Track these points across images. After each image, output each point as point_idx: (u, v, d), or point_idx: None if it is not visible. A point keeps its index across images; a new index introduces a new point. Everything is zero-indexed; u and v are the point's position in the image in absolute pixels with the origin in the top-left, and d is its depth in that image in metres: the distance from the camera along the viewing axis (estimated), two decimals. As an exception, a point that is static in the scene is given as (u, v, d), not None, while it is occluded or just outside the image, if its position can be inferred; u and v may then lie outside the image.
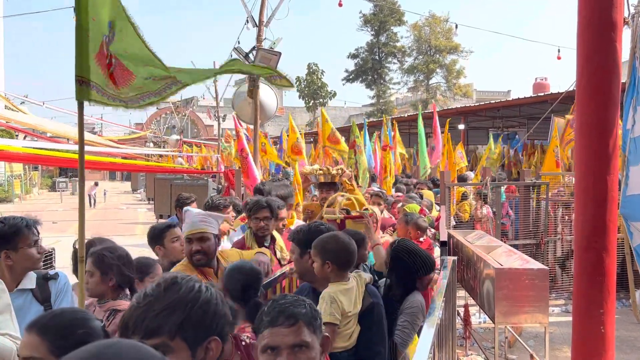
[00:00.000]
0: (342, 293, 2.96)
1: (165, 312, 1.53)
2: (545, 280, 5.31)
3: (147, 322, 1.51)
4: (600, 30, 2.48)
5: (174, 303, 1.55)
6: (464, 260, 6.61)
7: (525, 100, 17.75)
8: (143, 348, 1.00)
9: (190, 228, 3.54)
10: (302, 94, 56.39)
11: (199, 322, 1.55)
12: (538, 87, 39.47)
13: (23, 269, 2.99)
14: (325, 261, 3.00)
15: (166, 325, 1.51)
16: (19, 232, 2.94)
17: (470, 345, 6.71)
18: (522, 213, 9.16)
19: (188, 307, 1.55)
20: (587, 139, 2.53)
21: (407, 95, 60.64)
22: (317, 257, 3.04)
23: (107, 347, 0.97)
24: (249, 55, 6.99)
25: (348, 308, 2.93)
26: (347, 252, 3.03)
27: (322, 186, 5.66)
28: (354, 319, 2.96)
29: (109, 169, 35.76)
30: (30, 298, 2.99)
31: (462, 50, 54.86)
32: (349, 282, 3.03)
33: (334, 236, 3.11)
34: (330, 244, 3.02)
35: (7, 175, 35.88)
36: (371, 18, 56.18)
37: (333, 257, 3.00)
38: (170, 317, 1.52)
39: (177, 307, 1.55)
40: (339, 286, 2.99)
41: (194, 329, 1.54)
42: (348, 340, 2.95)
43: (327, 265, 3.00)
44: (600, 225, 2.51)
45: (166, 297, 1.56)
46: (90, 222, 20.86)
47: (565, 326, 7.27)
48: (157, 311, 1.53)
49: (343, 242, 3.04)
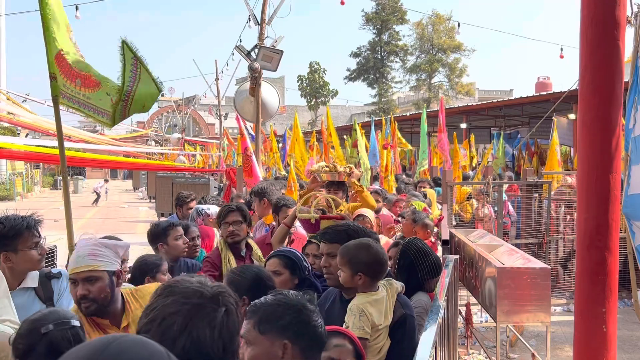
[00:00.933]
0: (372, 304, 2.77)
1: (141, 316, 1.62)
2: (547, 280, 5.30)
3: None
4: (604, 29, 2.47)
5: (144, 311, 1.61)
6: (466, 259, 6.60)
7: (528, 99, 17.73)
8: (148, 343, 1.00)
9: (73, 265, 2.58)
10: (303, 93, 56.37)
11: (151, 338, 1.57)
12: (540, 86, 39.41)
13: (23, 270, 2.98)
14: (357, 272, 2.82)
15: None
16: (19, 234, 2.91)
17: (471, 344, 6.72)
18: (524, 212, 9.15)
19: (145, 320, 1.56)
20: (589, 137, 2.52)
21: (409, 94, 60.60)
22: (346, 267, 2.85)
23: (109, 342, 0.96)
24: (251, 53, 6.99)
25: (378, 321, 2.74)
26: (380, 263, 2.86)
27: (330, 186, 5.34)
28: (384, 331, 2.76)
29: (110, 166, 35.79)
30: (32, 296, 2.99)
31: (464, 49, 54.83)
32: (378, 291, 2.84)
33: (366, 245, 2.90)
34: (362, 254, 2.83)
35: (9, 174, 35.92)
36: (373, 16, 56.12)
37: (365, 269, 2.82)
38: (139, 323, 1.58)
39: (142, 316, 1.59)
40: (368, 297, 2.80)
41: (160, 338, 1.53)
42: (377, 355, 2.75)
43: (358, 277, 2.82)
44: (603, 224, 2.50)
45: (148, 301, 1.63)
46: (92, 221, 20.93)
47: (567, 325, 7.27)
48: None
49: (376, 252, 2.87)
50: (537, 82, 43.36)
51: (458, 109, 21.95)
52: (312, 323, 2.05)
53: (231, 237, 4.25)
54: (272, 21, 7.36)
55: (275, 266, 3.27)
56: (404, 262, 3.64)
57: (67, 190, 3.44)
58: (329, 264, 3.06)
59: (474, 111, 21.68)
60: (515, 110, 20.52)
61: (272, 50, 6.96)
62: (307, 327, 2.03)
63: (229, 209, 4.31)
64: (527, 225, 9.04)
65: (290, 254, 3.36)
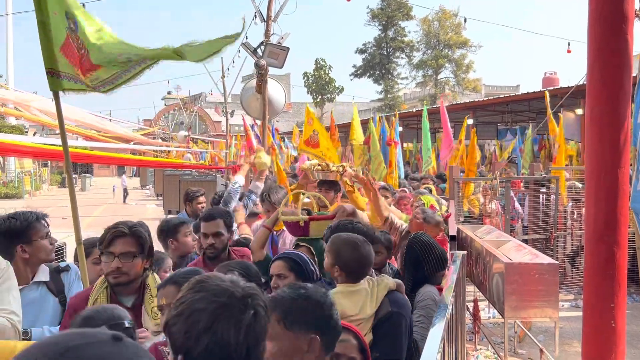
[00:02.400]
0: (345, 295, 2.78)
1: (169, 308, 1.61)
2: (556, 275, 5.30)
3: None
4: (612, 23, 2.46)
5: (173, 303, 1.57)
6: (473, 255, 6.60)
7: (535, 95, 17.64)
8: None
9: None
10: (309, 90, 56.38)
11: (175, 332, 1.50)
12: (547, 82, 39.25)
13: (38, 260, 3.06)
14: (335, 265, 2.87)
15: (162, 320, 1.57)
16: (31, 226, 3.02)
17: (479, 340, 6.71)
18: (531, 208, 9.13)
19: (174, 313, 1.53)
20: (598, 132, 2.52)
21: (415, 90, 60.51)
22: (329, 255, 2.91)
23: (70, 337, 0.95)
24: (257, 50, 7.00)
25: (350, 311, 2.71)
26: (359, 265, 2.86)
27: (322, 185, 5.21)
28: (364, 324, 2.72)
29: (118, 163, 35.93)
30: (45, 290, 3.08)
31: (471, 44, 54.69)
32: (358, 284, 2.84)
33: (353, 244, 2.89)
34: (346, 251, 2.85)
35: (17, 172, 36.17)
36: (379, 13, 56.03)
37: (343, 265, 2.85)
38: (166, 315, 1.60)
39: (171, 308, 1.56)
40: (344, 288, 2.84)
41: (172, 337, 1.51)
42: None
43: (335, 269, 2.87)
44: (612, 218, 2.50)
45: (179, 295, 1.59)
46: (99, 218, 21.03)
47: (575, 321, 7.25)
48: None
49: (360, 254, 2.86)
50: (543, 77, 43.22)
51: (464, 104, 21.87)
52: (334, 317, 2.06)
53: (114, 276, 2.78)
54: (278, 18, 7.39)
55: (280, 269, 3.14)
56: (410, 257, 3.68)
57: (71, 185, 3.51)
58: None
59: (481, 107, 21.60)
60: (522, 105, 20.43)
61: (278, 47, 6.97)
62: (330, 321, 2.03)
63: (116, 232, 2.84)
64: (534, 220, 9.01)
65: (296, 256, 3.24)
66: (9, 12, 30.61)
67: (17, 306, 2.60)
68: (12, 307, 2.55)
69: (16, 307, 2.59)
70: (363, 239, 2.97)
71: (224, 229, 3.81)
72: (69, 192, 3.52)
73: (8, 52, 34.24)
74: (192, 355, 1.45)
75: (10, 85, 31.20)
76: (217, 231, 3.78)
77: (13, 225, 2.98)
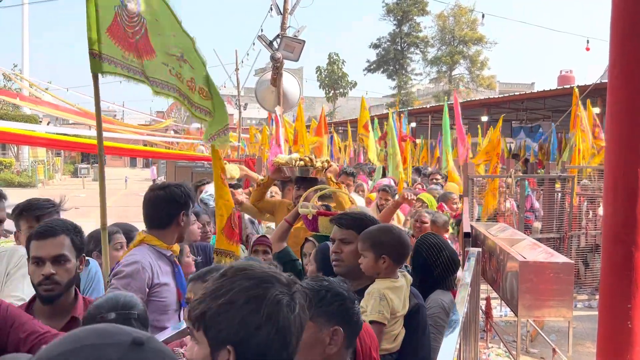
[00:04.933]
0: (392, 291, 2.69)
1: (199, 299, 1.44)
2: (570, 274, 5.25)
3: (193, 303, 1.45)
4: (636, 19, 2.41)
5: (208, 294, 1.43)
6: (486, 252, 6.56)
7: (551, 93, 17.52)
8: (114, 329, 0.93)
9: None
10: (322, 84, 56.27)
11: (221, 322, 1.39)
12: (563, 80, 38.82)
13: None
14: (380, 255, 2.72)
15: (193, 312, 1.43)
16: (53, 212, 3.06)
17: (491, 338, 6.68)
18: (546, 206, 9.06)
19: (215, 302, 1.41)
20: (618, 130, 2.48)
21: (428, 86, 60.21)
22: (369, 252, 2.74)
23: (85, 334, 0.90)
24: (273, 42, 6.98)
25: (398, 307, 2.67)
26: (404, 246, 2.79)
27: (300, 182, 4.74)
28: (400, 320, 2.70)
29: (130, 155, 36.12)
30: None
31: (486, 41, 54.29)
32: (399, 279, 2.76)
33: (387, 228, 2.83)
34: (386, 237, 2.74)
35: (31, 161, 36.53)
36: (394, 7, 55.76)
37: (389, 251, 2.72)
38: (198, 305, 1.42)
39: (207, 299, 1.43)
40: (389, 283, 2.71)
41: (215, 327, 1.39)
42: (393, 343, 2.69)
43: (382, 260, 2.71)
44: (630, 218, 2.45)
45: (210, 285, 1.46)
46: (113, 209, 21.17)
47: (588, 321, 7.20)
48: (198, 296, 1.45)
49: (399, 234, 2.79)
50: (559, 75, 42.76)
51: (479, 101, 21.76)
52: (356, 311, 2.03)
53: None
54: (295, 11, 7.36)
55: (311, 249, 3.14)
56: (418, 262, 3.48)
57: (102, 170, 3.47)
58: (340, 250, 2.90)
59: (495, 104, 21.47)
60: (537, 103, 20.29)
61: (294, 40, 6.94)
62: (353, 315, 2.00)
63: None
64: (549, 219, 8.94)
65: (324, 246, 3.17)
66: (25, 2, 30.80)
67: (30, 293, 2.58)
68: (24, 293, 2.55)
69: (29, 294, 2.58)
70: (390, 224, 2.92)
71: (70, 252, 2.49)
72: (99, 179, 3.45)
73: (24, 41, 34.50)
74: (248, 345, 1.38)
75: (25, 74, 31.45)
76: (61, 254, 2.45)
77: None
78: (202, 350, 1.41)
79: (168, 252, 2.97)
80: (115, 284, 2.74)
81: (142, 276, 2.78)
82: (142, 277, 2.78)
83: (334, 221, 3.06)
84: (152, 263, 2.86)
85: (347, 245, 2.90)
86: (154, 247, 2.92)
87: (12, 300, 2.48)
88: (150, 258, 2.87)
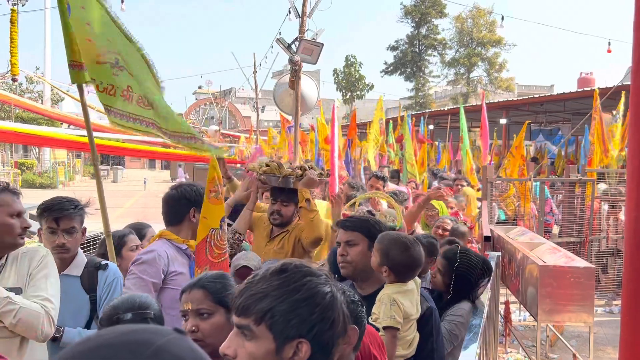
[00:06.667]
0: (403, 294, 2.66)
1: (259, 295, 1.42)
2: (592, 279, 5.20)
3: (242, 299, 1.43)
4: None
5: (271, 289, 1.42)
6: (506, 256, 6.50)
7: (570, 95, 17.31)
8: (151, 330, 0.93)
9: None
10: (339, 86, 56.23)
11: (292, 317, 1.39)
12: (583, 82, 38.44)
13: (76, 247, 3.08)
14: (383, 265, 2.71)
15: (254, 308, 1.41)
16: None
17: (510, 342, 6.62)
18: (565, 210, 8.96)
19: (283, 297, 1.40)
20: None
21: (446, 89, 59.89)
22: (377, 255, 2.73)
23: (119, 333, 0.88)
24: (291, 45, 6.98)
25: (410, 311, 2.64)
26: (410, 267, 2.72)
27: (276, 195, 4.05)
28: (414, 324, 2.68)
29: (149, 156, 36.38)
30: (77, 285, 3.00)
31: (505, 43, 53.88)
32: (408, 283, 2.73)
33: (404, 244, 2.72)
34: (396, 252, 2.69)
35: (51, 163, 37.01)
36: (412, 9, 55.58)
37: (392, 266, 2.69)
38: (260, 301, 1.41)
39: (271, 294, 1.41)
40: (399, 287, 2.69)
41: (285, 322, 1.39)
42: (408, 348, 2.65)
43: (384, 269, 2.71)
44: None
45: (268, 281, 1.44)
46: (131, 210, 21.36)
47: (609, 327, 7.10)
48: (253, 292, 1.43)
49: (411, 256, 2.71)
50: (579, 77, 42.33)
51: (498, 104, 21.58)
52: (363, 312, 2.02)
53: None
54: (313, 14, 7.36)
55: None
56: (462, 282, 3.34)
57: (99, 177, 3.62)
58: (346, 252, 2.88)
59: (514, 106, 21.29)
60: (557, 106, 20.07)
61: (312, 43, 6.93)
62: (362, 315, 2.00)
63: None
64: (568, 223, 8.84)
65: None
66: (47, 7, 31.23)
67: (53, 293, 2.60)
68: (48, 293, 2.56)
69: (53, 294, 2.59)
70: (413, 239, 2.84)
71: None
72: (97, 185, 3.58)
73: (46, 45, 34.96)
74: (322, 338, 1.41)
75: (47, 77, 31.86)
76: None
77: None
78: (264, 346, 1.40)
79: (183, 245, 3.20)
80: (133, 269, 3.01)
81: (158, 263, 3.02)
82: (158, 264, 3.02)
83: (339, 224, 3.06)
84: (169, 253, 3.11)
85: (352, 247, 2.89)
86: (171, 241, 3.19)
87: (36, 301, 2.51)
88: (167, 249, 3.12)
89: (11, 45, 9.54)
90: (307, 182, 3.88)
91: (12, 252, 2.64)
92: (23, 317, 2.42)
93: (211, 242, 2.94)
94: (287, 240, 4.01)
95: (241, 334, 1.42)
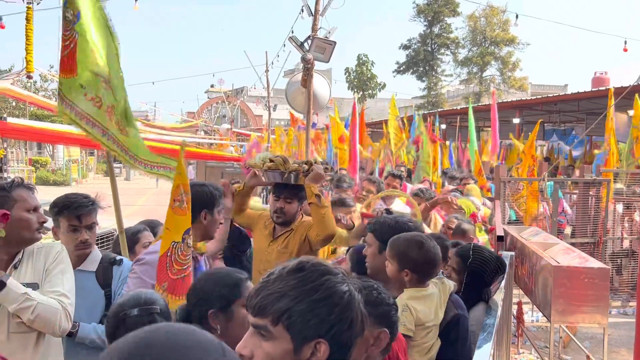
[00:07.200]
0: (419, 300, 2.60)
1: (276, 294, 1.39)
2: (606, 280, 5.14)
3: (258, 299, 1.40)
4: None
5: (288, 288, 1.39)
6: (518, 257, 6.45)
7: (585, 95, 17.15)
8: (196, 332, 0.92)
9: None
10: (350, 85, 56.15)
11: (310, 317, 1.36)
12: (597, 82, 38.04)
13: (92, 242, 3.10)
14: (403, 269, 2.63)
15: (271, 308, 1.38)
16: None
17: (522, 343, 6.57)
18: (580, 210, 8.88)
19: (301, 297, 1.38)
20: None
21: (458, 88, 59.60)
22: (394, 261, 2.66)
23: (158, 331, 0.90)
24: (304, 44, 6.99)
25: (425, 317, 2.57)
26: (431, 264, 2.65)
27: (279, 192, 3.85)
28: (434, 330, 2.60)
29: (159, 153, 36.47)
30: (93, 281, 3.01)
31: (518, 42, 53.52)
32: (428, 287, 2.65)
33: (419, 242, 2.64)
34: (413, 251, 2.61)
35: (65, 160, 37.34)
36: (425, 8, 55.36)
37: (412, 267, 2.62)
38: (278, 301, 1.38)
39: (289, 294, 1.38)
40: (416, 292, 2.63)
41: (303, 323, 1.36)
42: (426, 355, 2.59)
43: (405, 273, 2.63)
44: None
45: (284, 280, 1.41)
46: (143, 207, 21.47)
47: (623, 328, 7.03)
48: (270, 291, 1.40)
49: (428, 252, 2.63)
50: (593, 77, 41.90)
51: (511, 103, 21.43)
52: (397, 316, 2.04)
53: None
54: (326, 12, 7.35)
55: None
56: (470, 279, 3.27)
57: (112, 175, 3.67)
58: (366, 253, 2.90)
59: (528, 106, 21.14)
60: (571, 106, 19.90)
61: (324, 41, 6.94)
62: (396, 320, 2.00)
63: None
64: (582, 224, 8.76)
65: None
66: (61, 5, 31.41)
67: (69, 289, 2.62)
68: (64, 289, 2.58)
69: (69, 289, 2.61)
70: (426, 235, 2.79)
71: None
72: (111, 182, 3.62)
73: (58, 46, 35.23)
74: (340, 338, 1.39)
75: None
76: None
77: None
78: (281, 346, 1.38)
79: None
80: (135, 269, 2.94)
81: None
82: None
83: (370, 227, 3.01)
84: None
85: (367, 248, 2.89)
86: None
87: (53, 296, 2.52)
88: None
89: (27, 42, 9.60)
90: (315, 177, 3.70)
91: (28, 248, 2.65)
92: (41, 312, 2.44)
93: (172, 256, 2.69)
94: (292, 239, 3.84)
95: (258, 334, 1.40)
